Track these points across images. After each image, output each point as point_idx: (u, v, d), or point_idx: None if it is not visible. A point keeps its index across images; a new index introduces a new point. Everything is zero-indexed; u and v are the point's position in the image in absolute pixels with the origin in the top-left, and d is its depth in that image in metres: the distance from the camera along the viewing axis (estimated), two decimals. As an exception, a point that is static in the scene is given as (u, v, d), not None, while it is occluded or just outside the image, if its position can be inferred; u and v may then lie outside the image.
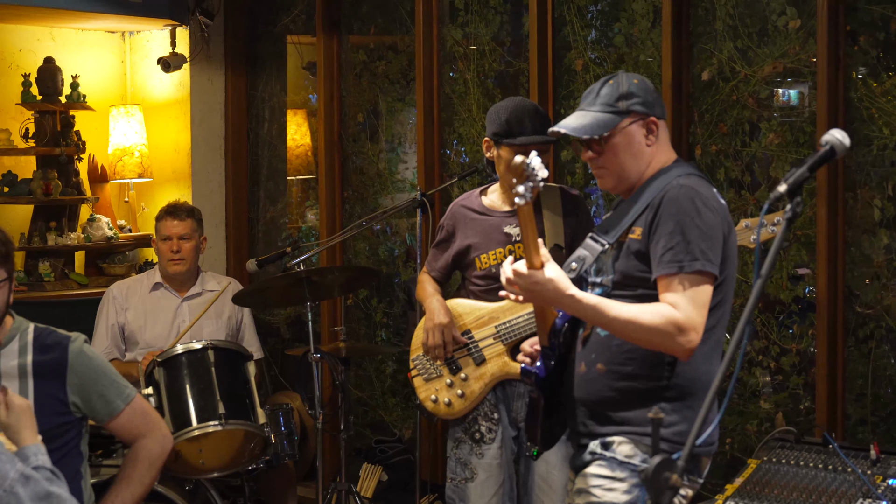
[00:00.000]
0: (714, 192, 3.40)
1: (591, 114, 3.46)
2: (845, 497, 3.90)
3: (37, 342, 3.85)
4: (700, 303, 3.23)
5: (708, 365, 3.38)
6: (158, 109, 7.52)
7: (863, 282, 4.98)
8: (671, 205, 3.30)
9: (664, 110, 3.54)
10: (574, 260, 3.48)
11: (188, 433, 4.96)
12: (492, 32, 6.21)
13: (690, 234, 3.25)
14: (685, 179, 3.37)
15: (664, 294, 3.26)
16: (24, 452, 3.33)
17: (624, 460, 3.36)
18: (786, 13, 5.13)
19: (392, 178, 6.82)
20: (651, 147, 3.46)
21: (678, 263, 3.24)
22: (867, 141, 4.92)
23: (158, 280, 5.97)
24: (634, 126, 3.44)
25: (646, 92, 3.45)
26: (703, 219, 3.27)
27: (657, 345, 3.28)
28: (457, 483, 4.76)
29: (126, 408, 3.96)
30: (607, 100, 3.45)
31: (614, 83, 3.47)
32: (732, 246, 3.38)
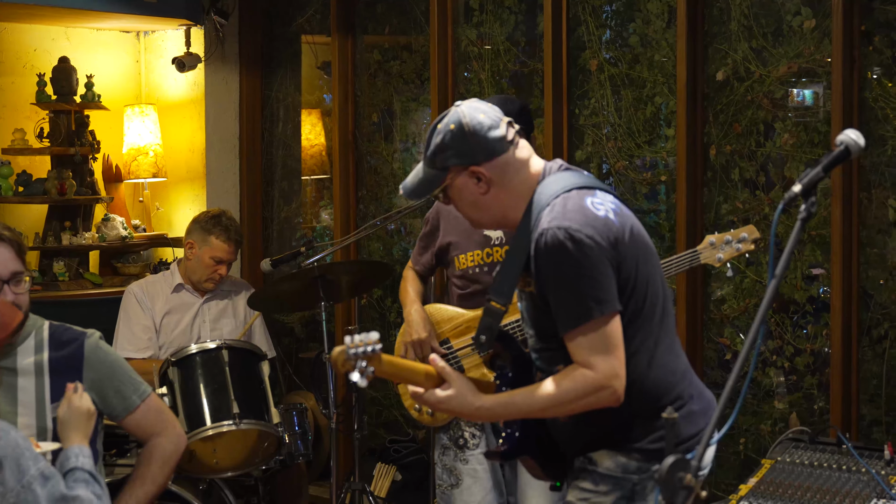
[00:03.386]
0: (586, 205, 3.15)
1: (423, 171, 3.33)
2: (859, 497, 3.89)
3: (53, 339, 3.86)
4: (610, 347, 3.10)
5: (659, 369, 3.26)
6: (173, 109, 7.54)
7: (877, 282, 4.97)
8: (544, 260, 3.12)
9: (494, 146, 3.21)
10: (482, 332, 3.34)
11: (202, 433, 4.96)
12: (506, 32, 6.21)
13: (575, 286, 3.08)
14: (550, 215, 3.15)
15: (572, 353, 3.13)
16: (67, 453, 3.39)
17: (605, 473, 3.29)
18: (801, 13, 5.12)
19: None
20: (490, 192, 3.25)
21: (574, 320, 3.09)
22: (882, 141, 4.91)
23: (179, 281, 5.96)
24: (460, 178, 3.25)
25: (460, 141, 3.20)
26: (581, 263, 3.07)
27: (585, 408, 3.16)
28: (444, 489, 4.75)
29: (142, 404, 3.98)
30: (430, 155, 3.28)
31: (435, 134, 3.27)
32: (628, 255, 3.16)
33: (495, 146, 3.22)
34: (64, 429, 3.51)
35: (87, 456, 3.39)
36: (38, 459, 3.07)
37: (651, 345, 3.26)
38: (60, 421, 3.52)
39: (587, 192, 3.22)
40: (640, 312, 3.23)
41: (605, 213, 3.17)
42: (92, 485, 3.30)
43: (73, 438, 3.48)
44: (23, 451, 3.03)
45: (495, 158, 3.23)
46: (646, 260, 3.25)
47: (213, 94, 7.36)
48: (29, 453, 3.04)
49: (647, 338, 3.25)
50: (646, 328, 3.25)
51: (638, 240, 3.23)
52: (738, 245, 4.36)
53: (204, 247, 5.84)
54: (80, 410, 3.55)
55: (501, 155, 3.23)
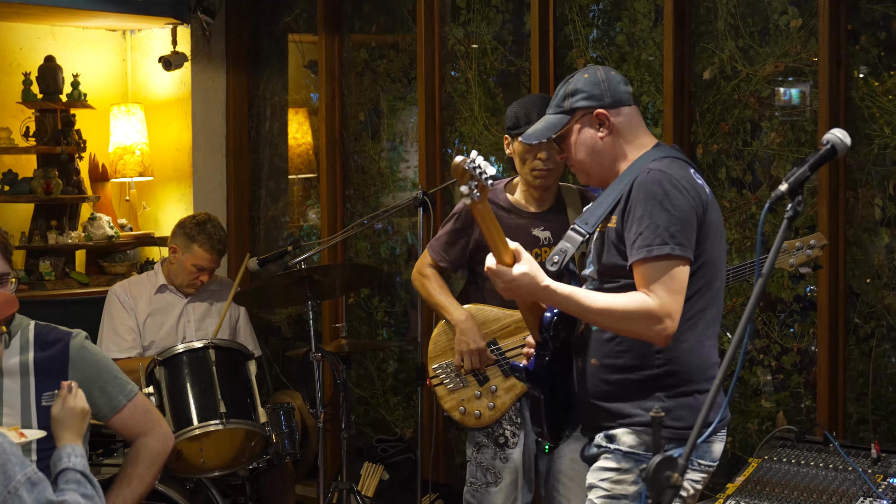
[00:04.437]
0: (690, 172, 3.37)
1: (547, 118, 3.51)
2: (846, 496, 3.90)
3: (38, 339, 3.85)
4: (674, 288, 3.22)
5: (700, 348, 3.37)
6: (159, 108, 7.52)
7: (864, 281, 4.98)
8: (640, 190, 3.29)
9: (622, 96, 3.46)
10: (556, 253, 3.45)
11: (189, 432, 4.95)
12: (493, 31, 6.21)
13: (659, 218, 3.23)
14: (657, 163, 3.35)
15: (638, 280, 3.25)
16: (60, 452, 3.37)
17: (628, 451, 3.36)
18: (787, 12, 5.13)
19: (393, 176, 6.82)
20: (609, 139, 3.44)
21: (647, 248, 3.22)
22: (868, 140, 4.92)
23: (163, 282, 5.95)
24: (584, 122, 3.45)
25: (592, 85, 3.43)
26: (672, 201, 3.25)
27: (633, 332, 3.28)
28: (476, 488, 4.74)
29: (128, 404, 3.97)
30: (558, 100, 3.49)
31: (566, 82, 3.50)
32: (712, 225, 3.34)
33: (623, 96, 3.47)
34: (57, 428, 3.50)
35: (79, 455, 3.38)
36: (25, 465, 3.05)
37: (705, 324, 3.38)
38: (54, 419, 3.51)
39: (690, 166, 3.42)
40: (709, 288, 3.37)
41: (702, 183, 3.38)
42: (83, 486, 3.28)
43: (66, 437, 3.47)
44: (9, 456, 3.01)
45: (620, 108, 3.45)
46: (720, 243, 3.40)
47: (199, 92, 7.35)
48: (15, 458, 3.02)
49: (704, 317, 3.38)
50: (709, 306, 3.39)
51: (719, 222, 3.41)
52: (808, 251, 4.46)
53: (186, 253, 5.83)
54: (75, 410, 3.53)
55: (626, 107, 3.46)
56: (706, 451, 3.42)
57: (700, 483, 3.43)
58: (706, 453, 3.42)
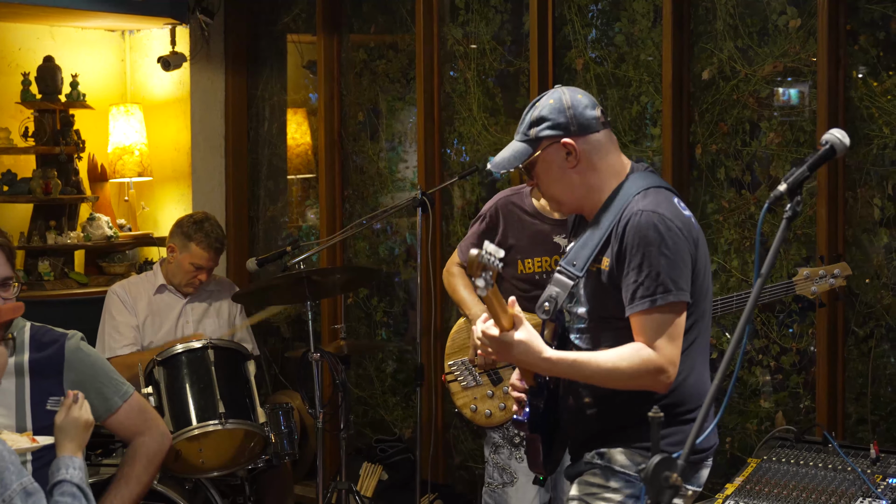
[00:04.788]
0: (675, 203, 3.29)
1: (513, 145, 3.39)
2: (845, 496, 3.90)
3: (34, 340, 3.84)
4: (675, 335, 3.19)
5: (696, 377, 3.35)
6: (158, 108, 7.52)
7: (863, 281, 4.98)
8: (635, 236, 3.20)
9: (588, 123, 3.33)
10: (546, 300, 3.37)
11: (188, 432, 4.95)
12: (492, 31, 6.21)
13: (659, 266, 3.17)
14: (644, 201, 3.25)
15: (638, 332, 3.20)
16: (58, 463, 3.37)
17: (619, 469, 3.32)
18: (786, 12, 5.13)
19: (392, 177, 6.82)
20: (577, 167, 3.33)
21: (650, 299, 3.17)
22: (867, 140, 4.92)
23: (162, 282, 5.94)
24: (550, 151, 3.33)
25: (558, 112, 3.31)
26: (669, 246, 3.18)
27: (637, 386, 3.23)
28: (494, 488, 4.76)
29: (124, 404, 3.96)
30: (524, 128, 3.37)
31: (532, 109, 3.38)
32: (702, 259, 3.30)
33: (590, 123, 3.34)
34: (60, 436, 3.49)
35: (77, 468, 3.37)
36: (22, 474, 3.05)
37: (697, 351, 3.35)
38: (57, 427, 3.50)
39: (673, 195, 3.35)
40: (700, 320, 3.34)
41: (689, 215, 3.31)
42: (78, 499, 3.28)
43: (66, 448, 3.46)
44: (7, 464, 3.01)
45: (588, 135, 3.33)
46: (708, 273, 3.36)
47: (198, 93, 7.35)
48: (13, 467, 3.02)
49: (697, 346, 3.35)
50: (698, 337, 3.35)
51: (706, 252, 3.36)
52: (831, 280, 4.46)
53: (184, 252, 5.82)
54: (79, 420, 3.52)
55: (594, 134, 3.34)
56: (694, 476, 3.39)
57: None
58: (693, 478, 3.38)
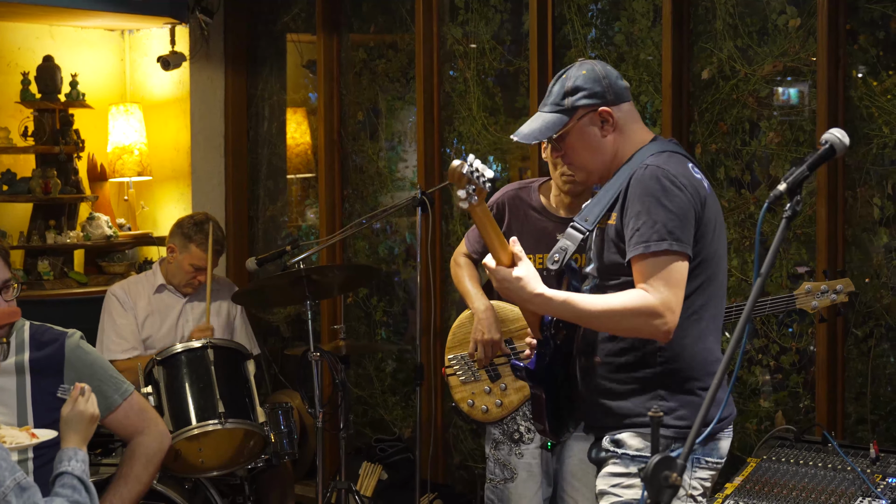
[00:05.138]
0: (688, 167, 3.33)
1: (542, 116, 3.42)
2: (845, 495, 3.90)
3: (33, 339, 3.84)
4: (673, 282, 3.18)
5: (702, 344, 3.34)
6: (158, 108, 7.52)
7: (862, 280, 4.98)
8: (637, 186, 3.26)
9: (622, 92, 3.44)
10: (556, 251, 3.42)
11: (188, 432, 4.95)
12: (492, 31, 6.21)
13: (656, 214, 3.20)
14: (654, 158, 3.31)
15: (636, 277, 3.23)
16: (62, 454, 3.39)
17: (635, 454, 3.33)
18: (786, 12, 5.13)
19: (392, 176, 6.82)
20: (610, 136, 3.40)
21: (644, 244, 3.19)
22: (867, 139, 4.92)
23: (162, 282, 5.94)
24: (585, 120, 3.39)
25: (593, 82, 3.39)
26: (670, 197, 3.21)
27: (634, 331, 3.25)
28: (496, 484, 4.77)
29: (123, 403, 3.96)
30: (556, 98, 3.41)
31: (563, 79, 3.43)
32: (710, 221, 3.31)
33: (623, 92, 3.46)
34: (65, 428, 3.51)
35: (80, 460, 3.38)
36: (15, 470, 3.05)
37: (708, 319, 3.35)
38: (63, 420, 3.52)
39: (689, 161, 3.38)
40: (711, 282, 3.34)
41: (700, 178, 3.34)
42: (77, 492, 3.28)
43: (71, 440, 3.47)
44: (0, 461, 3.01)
45: (621, 104, 3.43)
46: (721, 240, 3.37)
47: (198, 92, 7.35)
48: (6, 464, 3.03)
49: (708, 310, 3.35)
50: (711, 301, 3.35)
51: (718, 216, 3.37)
52: (833, 296, 4.46)
53: (184, 253, 5.81)
54: (84, 414, 3.54)
55: (626, 103, 3.45)
56: (713, 448, 3.38)
57: (709, 481, 3.39)
58: (713, 450, 3.38)
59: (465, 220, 6.23)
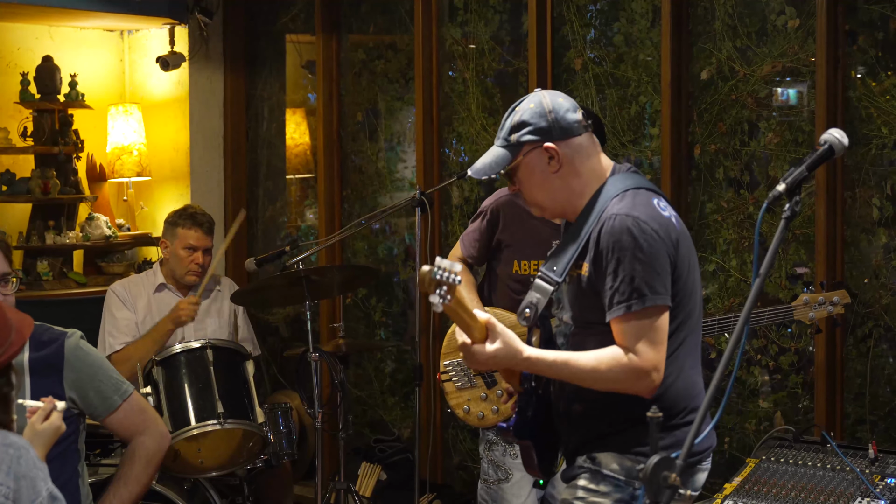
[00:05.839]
0: (654, 204, 3.24)
1: (494, 150, 3.35)
2: (844, 496, 3.90)
3: (33, 339, 3.83)
4: (656, 339, 3.15)
5: (683, 380, 3.30)
6: (157, 108, 7.52)
7: (861, 281, 4.98)
8: (608, 240, 3.17)
9: (570, 127, 3.28)
10: (527, 306, 3.35)
11: (187, 432, 4.95)
12: (491, 31, 6.21)
13: (633, 271, 3.13)
14: (619, 204, 3.22)
15: (618, 338, 3.18)
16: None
17: (608, 473, 3.29)
18: (785, 13, 5.13)
19: (391, 177, 6.82)
20: (559, 172, 3.29)
21: (625, 305, 3.14)
22: (866, 140, 4.92)
23: (162, 281, 5.93)
24: (531, 156, 3.29)
25: (538, 117, 3.27)
26: (643, 249, 3.14)
27: (620, 389, 3.20)
28: (490, 484, 4.76)
29: (123, 403, 3.96)
30: (505, 133, 3.32)
31: (513, 113, 3.34)
32: (684, 259, 3.25)
33: (572, 127, 3.29)
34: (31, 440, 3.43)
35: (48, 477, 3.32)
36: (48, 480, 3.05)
37: (686, 353, 3.31)
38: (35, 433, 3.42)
39: (654, 195, 3.30)
40: (687, 320, 3.29)
41: (669, 215, 3.26)
42: None
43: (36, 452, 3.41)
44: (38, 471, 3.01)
45: (570, 139, 3.29)
46: (694, 271, 3.32)
47: (197, 93, 7.35)
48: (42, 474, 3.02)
49: (684, 347, 3.30)
50: (686, 338, 3.31)
51: (690, 250, 3.31)
52: (830, 307, 4.46)
53: (175, 240, 5.81)
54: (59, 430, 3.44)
55: (576, 137, 3.30)
56: (688, 478, 3.33)
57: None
58: (688, 482, 3.25)
59: (463, 221, 6.23)
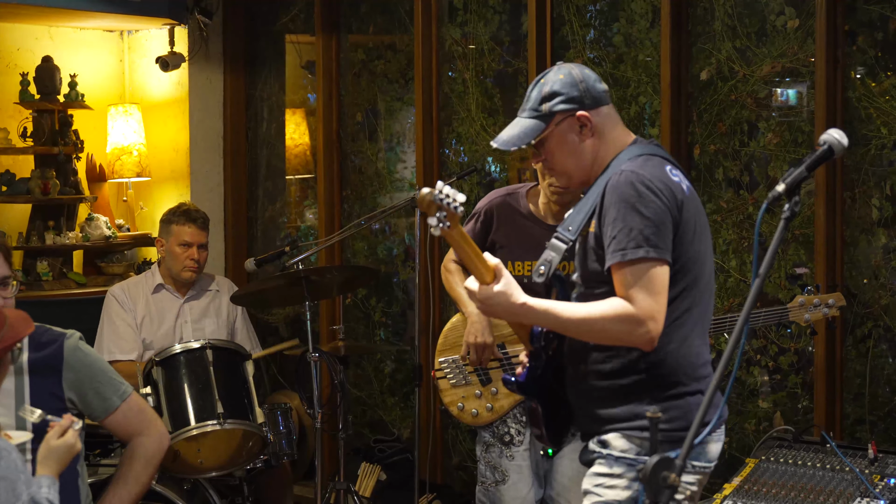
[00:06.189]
0: (665, 169, 3.29)
1: (521, 122, 3.40)
2: (843, 496, 3.91)
3: (32, 340, 3.84)
4: (654, 289, 3.16)
5: (687, 347, 3.31)
6: (157, 108, 7.52)
7: (861, 281, 4.98)
8: (612, 193, 3.23)
9: (600, 96, 3.38)
10: (542, 263, 3.38)
11: (186, 433, 4.95)
12: (491, 32, 6.21)
13: (632, 221, 3.18)
14: (630, 163, 3.28)
15: (616, 286, 3.21)
16: (39, 481, 3.34)
17: (620, 455, 3.31)
18: (784, 13, 5.14)
19: (391, 177, 6.82)
20: (590, 140, 3.37)
21: (622, 252, 3.17)
22: (865, 140, 4.92)
23: (160, 281, 5.93)
24: (563, 125, 3.36)
25: (570, 86, 3.35)
26: (645, 202, 3.18)
27: (618, 340, 3.24)
28: (487, 486, 4.76)
29: (122, 404, 3.96)
30: (534, 104, 3.38)
31: (541, 84, 3.40)
32: (689, 223, 3.27)
33: (601, 96, 3.40)
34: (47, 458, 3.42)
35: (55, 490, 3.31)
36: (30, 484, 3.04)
37: (692, 322, 3.32)
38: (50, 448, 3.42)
39: (668, 163, 3.35)
40: (693, 287, 3.30)
41: (678, 180, 3.29)
42: None
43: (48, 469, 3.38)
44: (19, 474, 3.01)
45: (599, 108, 3.38)
46: (702, 240, 3.33)
47: (197, 93, 7.35)
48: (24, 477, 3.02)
49: (690, 316, 3.32)
50: (694, 305, 3.32)
51: (699, 218, 3.33)
52: (825, 309, 4.47)
53: (170, 238, 5.82)
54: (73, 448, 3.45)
55: (604, 106, 3.39)
56: (701, 451, 3.35)
57: (696, 485, 3.35)
58: (700, 454, 3.35)
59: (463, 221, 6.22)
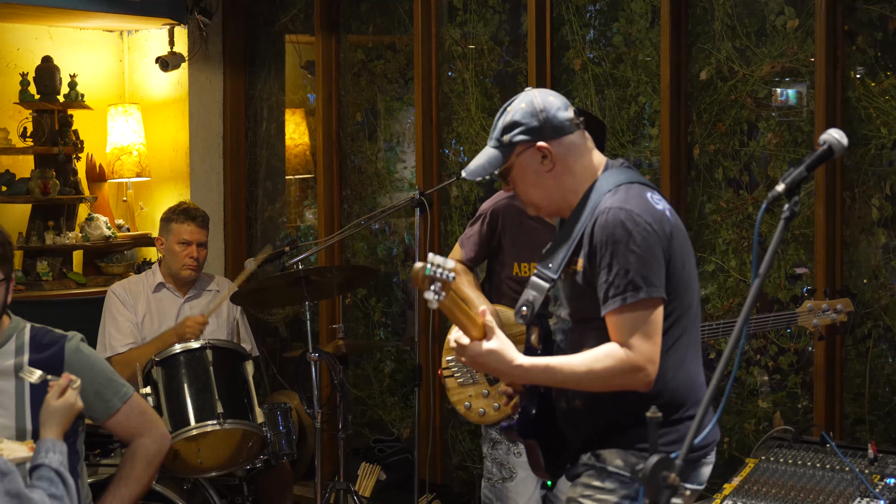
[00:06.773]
0: (647, 197, 3.23)
1: (487, 151, 3.36)
2: (843, 496, 3.90)
3: (33, 342, 3.84)
4: (651, 332, 3.14)
5: (684, 374, 3.30)
6: (157, 108, 7.52)
7: (860, 281, 4.98)
8: (602, 234, 3.17)
9: (562, 125, 3.28)
10: (524, 304, 3.35)
11: (186, 433, 4.95)
12: (490, 32, 6.21)
13: (627, 263, 3.13)
14: (613, 198, 3.22)
15: (613, 332, 3.17)
16: (40, 445, 3.36)
17: (613, 470, 3.29)
18: (784, 13, 5.14)
19: (390, 177, 6.82)
20: (553, 171, 3.30)
21: (620, 297, 3.13)
22: (865, 140, 4.92)
23: (161, 280, 5.93)
24: (525, 156, 3.30)
25: (530, 116, 3.27)
26: (638, 242, 3.13)
27: (618, 387, 3.20)
28: (494, 483, 4.77)
29: (123, 406, 3.96)
30: (497, 133, 3.34)
31: (504, 113, 3.35)
32: (678, 252, 3.24)
33: (563, 125, 3.30)
34: (47, 419, 3.49)
35: (58, 451, 3.37)
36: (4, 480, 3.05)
37: (684, 349, 3.31)
38: (49, 409, 3.49)
39: (647, 188, 3.29)
40: (686, 313, 3.29)
41: (662, 208, 3.25)
42: (54, 484, 3.27)
43: (51, 431, 3.45)
44: None
45: (562, 138, 3.30)
46: (690, 264, 3.31)
47: (196, 93, 7.35)
48: None
49: (683, 341, 3.30)
50: (685, 331, 3.30)
51: (685, 243, 3.30)
52: (833, 315, 4.47)
53: (169, 236, 5.82)
54: (74, 407, 3.53)
55: (568, 136, 3.30)
56: (694, 473, 3.33)
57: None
58: (693, 476, 3.33)
59: (462, 221, 6.24)
